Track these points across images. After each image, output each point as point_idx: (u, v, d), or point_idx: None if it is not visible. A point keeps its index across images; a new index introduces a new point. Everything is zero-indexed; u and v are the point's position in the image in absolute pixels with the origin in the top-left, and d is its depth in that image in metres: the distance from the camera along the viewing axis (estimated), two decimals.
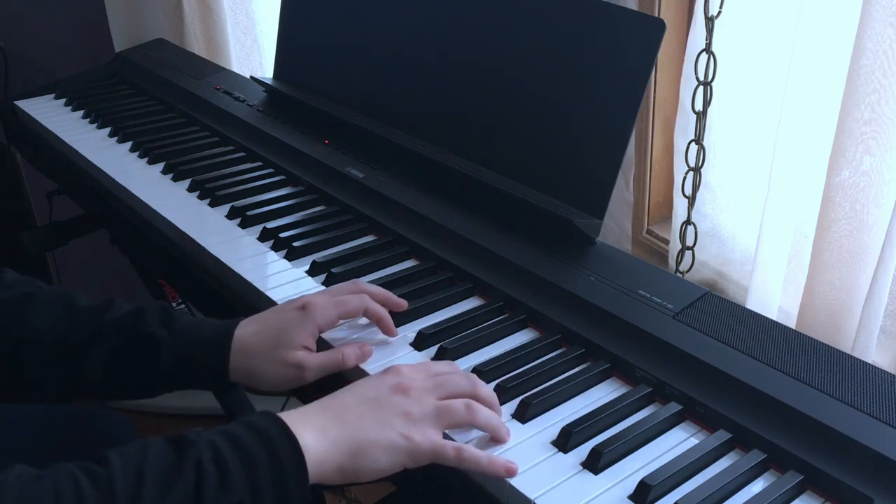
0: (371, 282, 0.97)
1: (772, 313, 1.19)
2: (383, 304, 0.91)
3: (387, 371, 0.78)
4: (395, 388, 0.75)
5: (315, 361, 0.84)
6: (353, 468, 0.71)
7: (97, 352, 0.86)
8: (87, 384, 0.87)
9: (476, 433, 0.77)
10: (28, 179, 1.94)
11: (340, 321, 0.90)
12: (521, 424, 0.79)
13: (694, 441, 0.77)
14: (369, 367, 0.86)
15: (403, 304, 0.93)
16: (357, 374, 0.86)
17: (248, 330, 0.86)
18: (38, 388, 0.90)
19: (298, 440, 0.69)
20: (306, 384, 0.85)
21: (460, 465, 0.73)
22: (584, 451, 0.75)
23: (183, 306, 1.57)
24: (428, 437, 0.73)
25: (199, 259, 1.11)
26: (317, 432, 0.70)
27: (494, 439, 0.76)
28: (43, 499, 0.61)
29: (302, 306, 0.86)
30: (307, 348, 0.85)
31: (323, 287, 1.00)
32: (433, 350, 0.88)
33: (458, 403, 0.75)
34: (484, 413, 0.76)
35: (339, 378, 0.85)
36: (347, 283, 0.93)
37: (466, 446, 0.73)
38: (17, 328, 0.87)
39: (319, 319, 0.86)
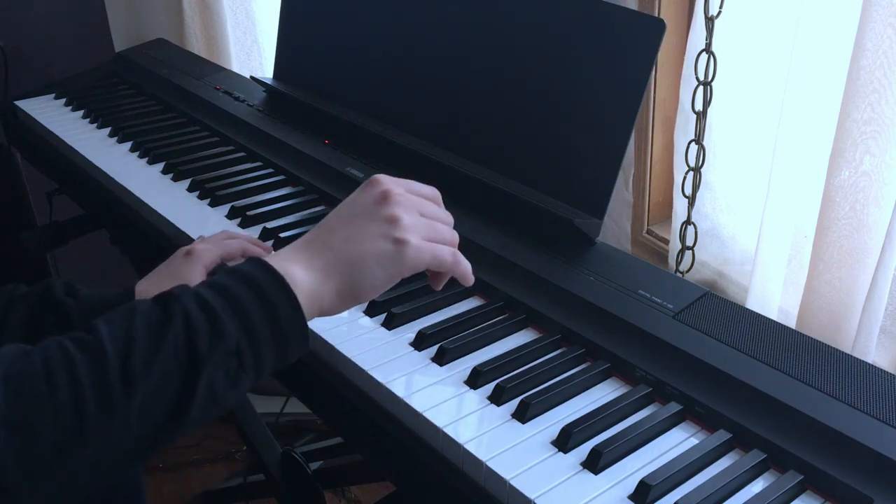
0: None
1: (772, 313, 1.19)
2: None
3: (367, 183, 0.76)
4: (379, 199, 0.74)
5: None
6: (350, 289, 0.71)
7: (12, 324, 0.88)
8: None
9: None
10: (28, 179, 1.94)
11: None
12: (521, 424, 0.78)
13: (694, 441, 0.77)
14: (373, 370, 0.86)
15: (268, 248, 1.05)
16: None
17: (146, 284, 0.94)
18: None
19: (286, 277, 0.68)
20: None
21: (455, 270, 0.76)
22: (584, 451, 0.75)
23: None
24: (420, 241, 0.72)
25: None
26: (304, 266, 0.70)
27: (463, 281, 0.78)
28: (33, 369, 0.60)
29: (186, 253, 0.96)
30: None
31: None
32: (433, 350, 0.88)
33: (445, 229, 0.76)
34: (462, 260, 0.77)
35: None
36: (219, 232, 1.03)
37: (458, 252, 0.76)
38: None
39: (205, 259, 0.96)
